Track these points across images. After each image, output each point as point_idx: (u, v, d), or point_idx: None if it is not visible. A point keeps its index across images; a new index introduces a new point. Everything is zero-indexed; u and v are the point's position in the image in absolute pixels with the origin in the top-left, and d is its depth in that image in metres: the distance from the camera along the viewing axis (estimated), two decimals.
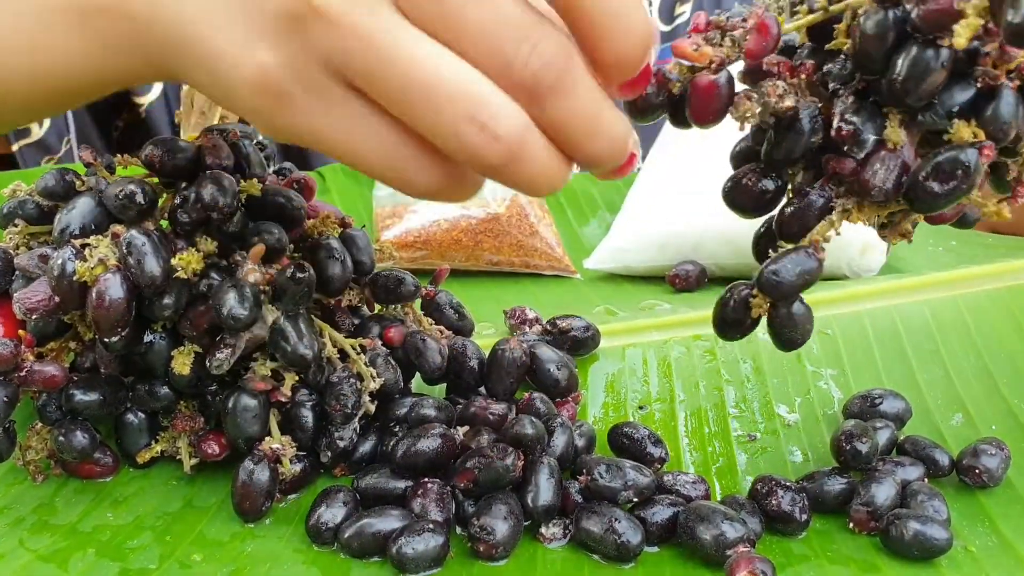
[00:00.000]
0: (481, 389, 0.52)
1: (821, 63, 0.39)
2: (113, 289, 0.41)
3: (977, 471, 0.46)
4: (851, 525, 0.43)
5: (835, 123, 0.37)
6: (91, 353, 0.46)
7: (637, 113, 0.38)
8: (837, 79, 0.38)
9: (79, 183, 0.46)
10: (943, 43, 0.34)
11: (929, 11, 0.34)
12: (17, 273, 0.45)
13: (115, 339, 0.42)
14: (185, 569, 0.41)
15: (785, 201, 0.40)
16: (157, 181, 0.45)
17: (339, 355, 0.47)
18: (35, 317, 0.42)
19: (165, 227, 0.44)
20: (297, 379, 0.45)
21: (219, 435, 0.46)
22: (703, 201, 0.72)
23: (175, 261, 0.41)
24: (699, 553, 0.41)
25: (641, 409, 0.54)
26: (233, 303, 0.41)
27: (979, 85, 0.36)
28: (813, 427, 0.52)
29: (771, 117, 0.37)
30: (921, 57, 0.34)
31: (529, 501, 0.43)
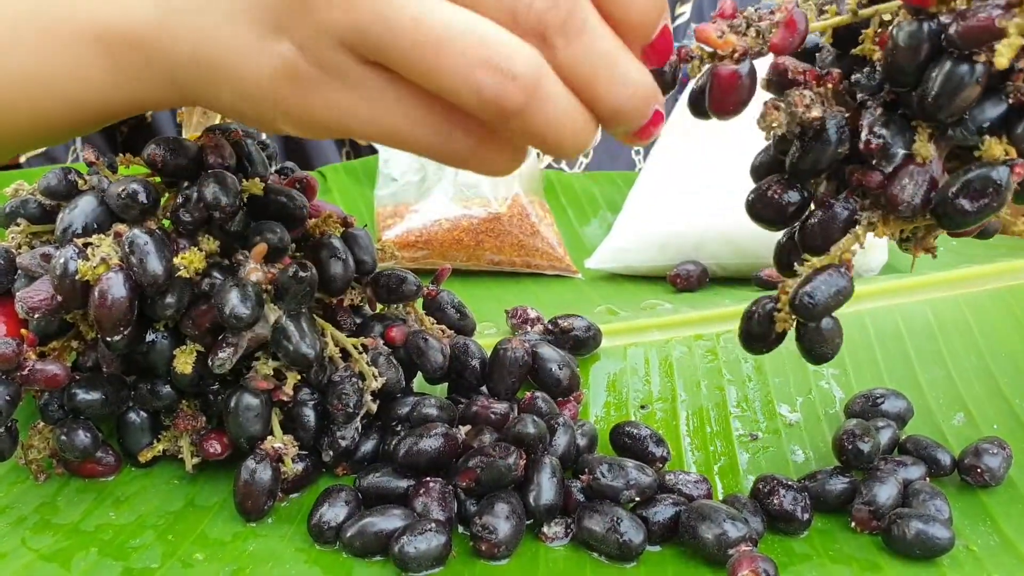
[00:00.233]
0: (483, 388, 0.52)
1: (847, 70, 0.38)
2: (115, 288, 0.41)
3: (979, 470, 0.46)
4: (853, 524, 0.43)
5: (863, 135, 0.36)
6: (93, 352, 0.46)
7: None
8: (865, 89, 0.37)
9: (81, 182, 0.46)
10: (979, 59, 0.34)
11: (969, 27, 0.33)
12: (19, 272, 0.45)
13: (117, 338, 0.42)
14: (187, 568, 0.41)
15: (808, 212, 0.40)
16: (159, 180, 0.45)
17: (341, 354, 0.47)
18: (37, 316, 0.42)
19: (167, 226, 0.44)
20: (299, 378, 0.45)
21: (221, 434, 0.46)
22: (704, 201, 0.72)
23: (177, 260, 0.41)
24: (701, 552, 0.41)
25: (643, 408, 0.54)
26: (235, 302, 0.41)
27: (1011, 101, 0.35)
28: (815, 426, 0.52)
29: (797, 127, 0.37)
30: (956, 72, 0.34)
31: (531, 500, 0.43)
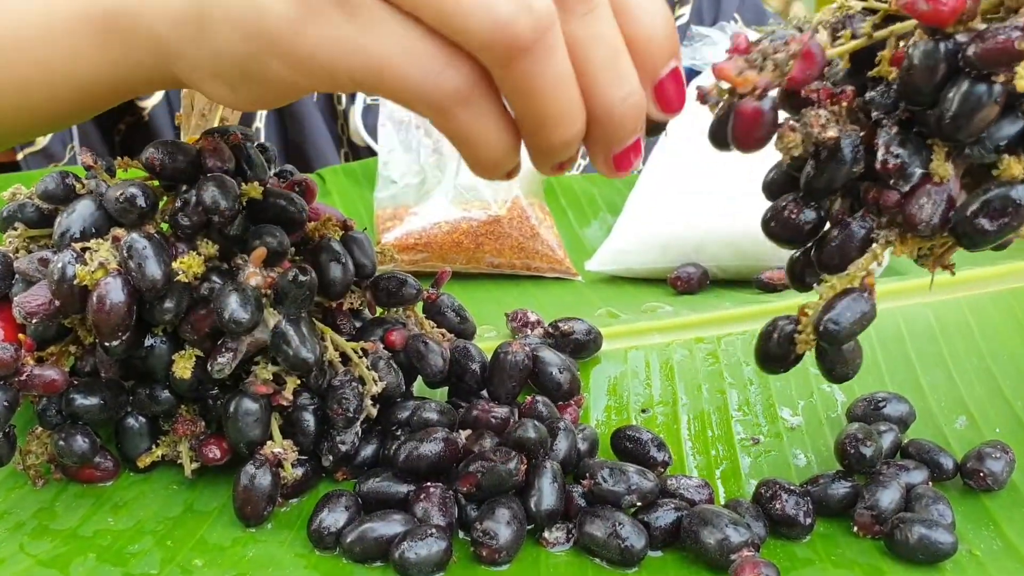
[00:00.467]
0: (483, 392, 0.52)
1: (860, 87, 0.38)
2: (114, 293, 0.40)
3: (981, 474, 0.45)
4: (855, 529, 0.43)
5: (880, 155, 0.36)
6: (91, 357, 0.46)
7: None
8: (879, 107, 0.37)
9: (79, 186, 0.46)
10: (997, 79, 0.33)
11: (988, 49, 0.33)
12: (17, 277, 0.45)
13: (116, 343, 0.41)
14: (186, 574, 0.41)
15: (825, 231, 0.40)
16: (158, 184, 0.45)
17: (341, 359, 0.47)
18: (35, 321, 0.42)
19: (166, 230, 0.44)
20: (299, 383, 0.45)
21: (220, 439, 0.45)
22: (705, 203, 0.72)
23: (176, 265, 0.41)
24: (703, 557, 0.41)
25: (644, 412, 0.54)
26: (235, 307, 0.41)
27: None
28: (817, 430, 0.52)
29: (812, 146, 0.37)
30: (974, 93, 0.34)
31: (532, 505, 0.42)
